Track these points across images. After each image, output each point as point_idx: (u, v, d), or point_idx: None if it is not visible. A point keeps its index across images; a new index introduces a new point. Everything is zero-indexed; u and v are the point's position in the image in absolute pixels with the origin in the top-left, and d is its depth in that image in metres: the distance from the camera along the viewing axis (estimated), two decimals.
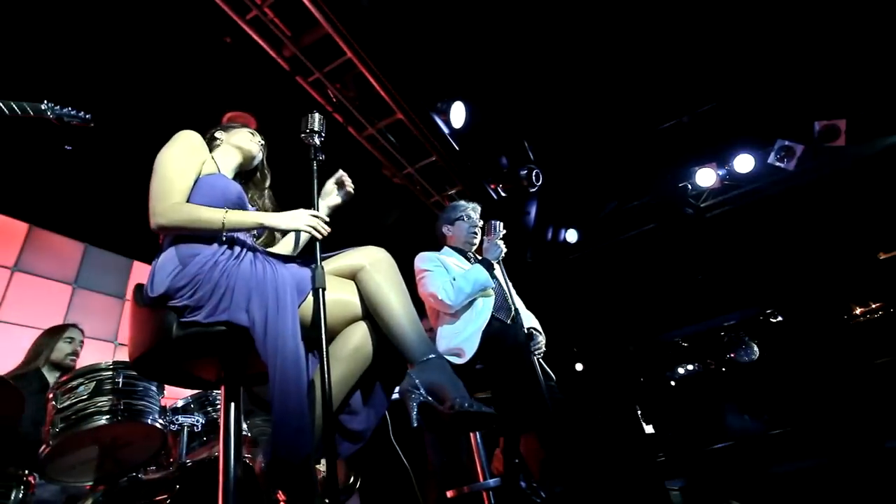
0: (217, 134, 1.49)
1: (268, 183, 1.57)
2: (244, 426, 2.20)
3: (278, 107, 3.18)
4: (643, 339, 6.90)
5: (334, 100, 3.16)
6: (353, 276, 1.24)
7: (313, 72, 2.94)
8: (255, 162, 1.51)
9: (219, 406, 2.12)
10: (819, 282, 5.54)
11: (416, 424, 1.02)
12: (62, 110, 1.70)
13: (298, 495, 1.09)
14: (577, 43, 3.81)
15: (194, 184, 1.24)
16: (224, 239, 1.18)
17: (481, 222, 2.43)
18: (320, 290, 1.14)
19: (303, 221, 1.20)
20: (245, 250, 1.19)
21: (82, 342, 2.40)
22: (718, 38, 3.96)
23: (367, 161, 3.63)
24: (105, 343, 3.06)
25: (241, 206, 1.31)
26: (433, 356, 1.11)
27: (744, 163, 4.66)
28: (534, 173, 3.86)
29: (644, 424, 6.51)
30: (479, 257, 2.41)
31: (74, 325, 2.42)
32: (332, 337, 1.22)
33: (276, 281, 1.11)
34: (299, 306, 1.12)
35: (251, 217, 1.20)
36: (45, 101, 1.65)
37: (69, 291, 3.05)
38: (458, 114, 3.55)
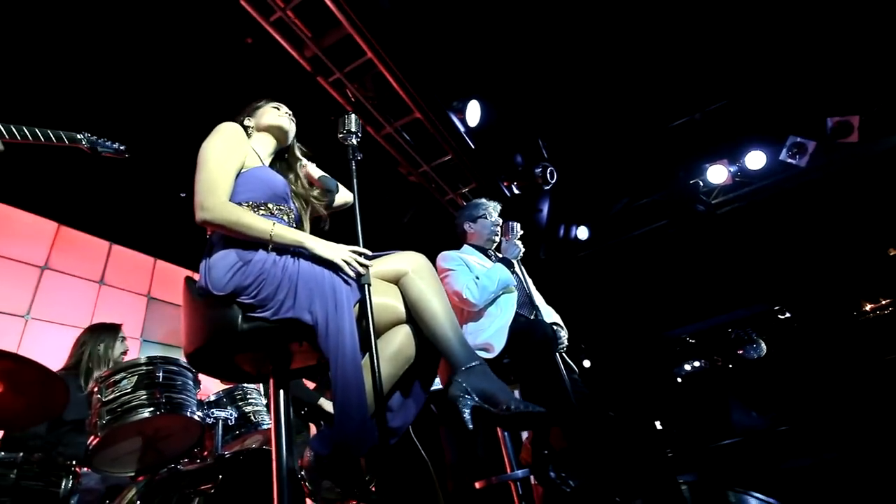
0: (246, 122, 1.49)
1: (299, 164, 1.56)
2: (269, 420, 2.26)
3: (298, 106, 3.23)
4: (650, 335, 6.92)
5: (353, 99, 3.20)
6: (396, 280, 1.28)
7: (334, 72, 2.98)
8: (291, 137, 1.52)
9: (251, 400, 2.18)
10: (829, 278, 5.55)
11: (471, 427, 1.08)
12: (97, 140, 1.72)
13: (350, 486, 1.14)
14: (589, 42, 3.84)
15: (239, 175, 1.27)
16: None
17: (501, 221, 2.48)
18: (366, 287, 1.20)
19: (339, 255, 1.20)
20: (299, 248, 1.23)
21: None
22: (730, 36, 3.98)
23: (384, 159, 3.67)
24: (130, 339, 3.11)
25: (285, 200, 1.36)
26: (477, 363, 1.16)
27: (755, 159, 4.68)
28: (548, 171, 3.89)
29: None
30: (500, 255, 2.46)
31: (120, 325, 2.47)
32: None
33: (333, 282, 1.16)
34: (353, 306, 1.16)
35: (294, 235, 1.22)
36: (83, 132, 1.67)
37: (96, 289, 3.12)
38: (473, 112, 3.59)
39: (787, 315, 6.94)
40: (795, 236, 5.27)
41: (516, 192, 4.24)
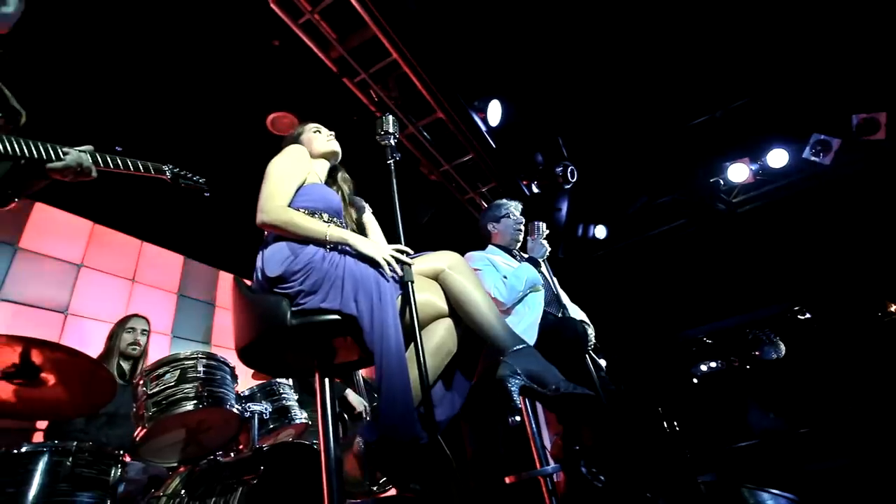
0: None
1: (341, 174, 1.66)
2: (304, 414, 2.31)
3: (322, 107, 3.28)
4: (667, 335, 6.86)
5: (376, 99, 3.24)
6: (435, 277, 1.33)
7: (359, 73, 3.02)
8: (340, 156, 1.64)
9: (283, 395, 2.24)
10: (852, 278, 5.45)
11: (519, 406, 1.11)
12: (180, 172, 1.77)
13: (398, 474, 1.18)
14: (610, 41, 3.83)
15: (300, 188, 1.39)
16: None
17: (523, 220, 2.50)
18: (409, 284, 1.24)
19: (380, 254, 1.27)
20: (345, 247, 1.30)
21: (144, 331, 2.50)
22: (752, 33, 3.94)
23: (406, 159, 3.71)
24: (161, 336, 3.20)
25: (338, 214, 1.47)
26: (524, 346, 1.19)
27: (777, 158, 4.63)
28: (569, 170, 3.90)
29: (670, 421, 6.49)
30: (524, 255, 2.48)
31: (135, 315, 2.53)
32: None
33: (377, 276, 1.22)
34: (396, 300, 1.20)
35: (340, 233, 1.31)
36: (168, 164, 1.72)
37: (129, 286, 3.20)
38: (494, 112, 3.61)
39: (808, 316, 6.83)
40: (818, 235, 5.19)
41: (536, 190, 4.25)
